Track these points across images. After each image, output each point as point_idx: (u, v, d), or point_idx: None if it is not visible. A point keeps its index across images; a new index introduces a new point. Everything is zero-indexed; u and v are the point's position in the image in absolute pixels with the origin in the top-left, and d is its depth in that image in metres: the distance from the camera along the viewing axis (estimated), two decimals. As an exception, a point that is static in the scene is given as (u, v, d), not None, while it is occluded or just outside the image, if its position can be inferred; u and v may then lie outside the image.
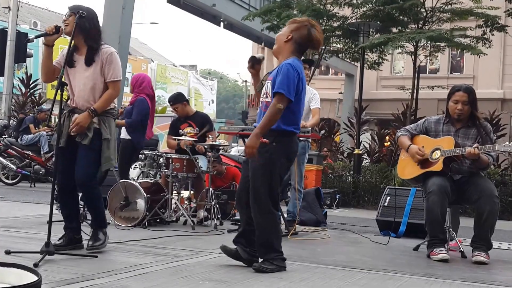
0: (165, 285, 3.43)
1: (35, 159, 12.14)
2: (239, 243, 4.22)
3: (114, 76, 4.47)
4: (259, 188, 4.04)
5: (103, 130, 4.43)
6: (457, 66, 27.18)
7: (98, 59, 4.45)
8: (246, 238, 4.20)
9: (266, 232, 4.08)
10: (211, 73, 61.01)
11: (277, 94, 3.96)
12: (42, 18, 35.92)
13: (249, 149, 3.95)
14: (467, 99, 5.04)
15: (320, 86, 23.92)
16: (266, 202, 4.05)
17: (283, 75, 3.98)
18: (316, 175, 10.84)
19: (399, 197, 6.60)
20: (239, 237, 4.24)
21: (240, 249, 4.19)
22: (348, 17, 15.25)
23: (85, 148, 4.38)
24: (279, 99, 3.95)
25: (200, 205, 6.82)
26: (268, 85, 4.13)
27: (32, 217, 6.44)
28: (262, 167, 4.01)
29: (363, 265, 4.48)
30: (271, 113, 3.94)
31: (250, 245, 4.18)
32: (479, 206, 4.89)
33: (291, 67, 4.00)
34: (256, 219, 4.10)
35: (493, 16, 13.80)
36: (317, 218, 7.37)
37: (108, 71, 4.45)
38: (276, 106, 3.94)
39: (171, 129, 7.39)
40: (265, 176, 4.02)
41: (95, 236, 4.49)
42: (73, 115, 4.43)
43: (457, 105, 5.05)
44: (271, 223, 4.10)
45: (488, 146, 4.86)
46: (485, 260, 4.82)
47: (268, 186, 4.04)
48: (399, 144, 5.40)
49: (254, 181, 4.06)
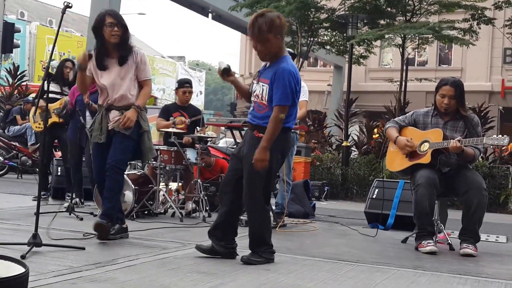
0: (153, 277, 3.41)
1: (22, 150, 12.05)
2: (214, 237, 4.18)
3: (148, 75, 4.92)
4: (255, 184, 4.04)
5: (142, 123, 4.82)
6: (445, 58, 27.30)
7: (131, 60, 4.78)
8: (222, 230, 4.18)
9: (259, 227, 4.11)
10: (200, 64, 60.74)
11: (279, 106, 3.96)
12: (29, 8, 35.62)
13: (260, 162, 3.94)
14: (454, 93, 5.03)
15: (308, 78, 23.93)
16: (260, 197, 4.07)
17: (284, 87, 3.94)
18: (304, 167, 10.86)
19: (388, 190, 6.61)
20: (215, 229, 4.20)
21: (215, 244, 4.17)
22: (336, 9, 15.24)
23: (122, 135, 4.70)
24: (281, 110, 3.96)
25: (188, 197, 6.81)
26: (264, 89, 4.06)
27: (19, 209, 6.39)
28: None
29: (351, 257, 4.48)
30: (275, 125, 3.96)
31: (225, 237, 4.17)
32: (467, 198, 4.90)
33: (290, 72, 3.97)
34: (250, 215, 4.12)
35: (480, 8, 13.85)
36: (305, 210, 7.38)
37: (143, 71, 4.85)
38: (278, 117, 3.95)
39: (162, 113, 7.29)
40: (262, 172, 4.01)
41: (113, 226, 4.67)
42: (109, 112, 4.77)
43: (444, 99, 5.05)
44: (264, 218, 4.13)
45: (472, 140, 4.86)
46: (472, 252, 4.84)
47: (264, 182, 4.05)
48: (387, 135, 5.40)
49: (250, 178, 4.05)
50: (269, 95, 4.02)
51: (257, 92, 4.13)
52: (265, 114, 4.05)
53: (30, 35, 31.10)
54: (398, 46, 14.75)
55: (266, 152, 3.95)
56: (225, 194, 4.25)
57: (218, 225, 4.21)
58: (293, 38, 15.59)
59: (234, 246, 4.21)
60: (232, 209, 4.17)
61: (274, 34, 4.00)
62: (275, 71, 4.01)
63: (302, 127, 6.46)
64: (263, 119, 4.07)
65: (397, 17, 14.96)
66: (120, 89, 4.75)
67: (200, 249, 4.20)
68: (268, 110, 4.03)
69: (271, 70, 4.05)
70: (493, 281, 3.86)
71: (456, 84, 5.07)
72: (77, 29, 34.84)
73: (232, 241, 4.20)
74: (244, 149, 4.14)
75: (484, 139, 4.87)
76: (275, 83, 3.97)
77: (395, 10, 14.66)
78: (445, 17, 15.44)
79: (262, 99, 4.08)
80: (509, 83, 25.01)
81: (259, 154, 3.95)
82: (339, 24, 15.34)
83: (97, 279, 3.29)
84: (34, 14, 35.62)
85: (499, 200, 10.74)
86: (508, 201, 10.69)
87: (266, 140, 3.96)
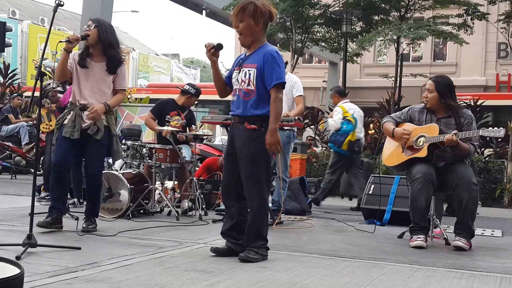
0: (149, 276, 3.40)
1: (15, 150, 11.99)
2: (230, 237, 4.16)
3: (124, 85, 5.23)
4: (259, 174, 4.06)
5: (111, 127, 5.15)
6: (440, 53, 27.33)
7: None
8: (237, 230, 4.16)
9: (259, 219, 4.09)
10: (194, 62, 60.58)
11: (277, 85, 4.01)
12: (20, 7, 35.47)
13: (275, 145, 4.00)
14: (433, 87, 5.12)
15: (303, 74, 23.90)
16: (266, 187, 4.11)
17: (275, 65, 4.02)
18: (300, 164, 10.83)
19: (384, 185, 6.62)
20: (231, 230, 4.18)
21: (231, 244, 4.15)
22: (330, 5, 15.22)
23: (96, 144, 5.01)
24: (279, 89, 4.04)
25: (184, 195, 6.79)
26: (251, 73, 4.07)
27: (14, 210, 6.37)
28: (258, 153, 4.02)
29: (348, 254, 4.48)
30: (277, 105, 4.04)
31: (242, 236, 4.14)
32: (458, 193, 4.92)
33: (277, 53, 4.08)
34: (253, 205, 4.07)
35: (474, 4, 13.86)
36: (302, 207, 7.37)
37: (121, 80, 5.16)
38: (278, 96, 4.03)
39: (157, 109, 7.16)
40: (262, 161, 4.05)
41: (90, 220, 5.09)
42: (83, 112, 4.99)
43: (425, 93, 5.19)
44: (265, 210, 4.18)
45: (468, 132, 4.90)
46: (463, 245, 4.84)
47: (266, 170, 4.11)
48: (384, 130, 5.41)
49: (251, 169, 4.05)
50: (259, 78, 4.05)
51: (242, 78, 4.12)
52: (253, 101, 4.06)
53: (22, 34, 30.98)
54: (393, 42, 14.76)
55: (277, 133, 4.02)
56: (229, 195, 4.23)
57: (232, 225, 4.17)
58: (287, 35, 15.57)
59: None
60: (241, 207, 4.16)
61: (257, 19, 4.06)
62: (263, 54, 4.06)
63: (298, 124, 6.43)
64: (252, 107, 4.06)
65: (392, 13, 14.96)
66: (98, 95, 5.03)
67: (217, 252, 4.14)
68: (254, 95, 4.05)
69: (257, 55, 4.09)
70: (488, 275, 3.87)
71: (436, 80, 5.18)
72: (70, 27, 34.69)
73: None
74: (237, 144, 4.13)
75: (480, 131, 4.91)
76: (266, 66, 4.03)
77: (389, 6, 14.66)
78: (439, 12, 15.43)
79: (249, 84, 4.08)
80: (503, 78, 25.06)
81: (271, 137, 3.99)
82: (333, 20, 15.33)
83: (93, 279, 3.27)
84: (25, 13, 35.48)
85: (495, 194, 10.77)
86: (504, 195, 10.70)
87: (273, 121, 4.02)
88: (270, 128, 4.01)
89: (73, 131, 4.94)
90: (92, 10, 11.19)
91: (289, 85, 6.55)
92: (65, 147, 4.99)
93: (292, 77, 6.62)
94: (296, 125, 6.46)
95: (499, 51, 25.37)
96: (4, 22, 13.14)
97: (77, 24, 27.10)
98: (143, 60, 40.24)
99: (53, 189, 5.01)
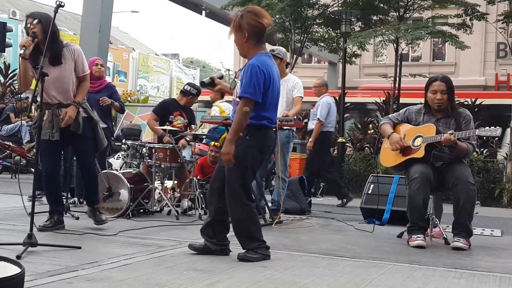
0: (149, 275, 3.41)
1: (15, 150, 12.00)
2: (206, 235, 4.20)
3: (86, 69, 5.04)
4: (233, 181, 4.05)
5: (91, 114, 5.06)
6: (439, 53, 27.35)
7: (66, 57, 4.86)
8: (213, 228, 4.19)
9: (243, 224, 4.10)
10: (194, 62, 60.54)
11: (243, 98, 3.97)
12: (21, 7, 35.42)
13: (225, 155, 3.96)
14: (445, 88, 5.07)
15: (303, 74, 23.90)
16: (240, 193, 4.06)
17: (246, 78, 3.98)
18: (300, 163, 10.85)
19: (383, 185, 6.63)
20: (206, 227, 4.22)
21: (207, 242, 4.19)
22: (329, 5, 15.22)
23: (84, 140, 5.00)
24: (245, 103, 3.96)
25: (184, 195, 6.80)
26: (238, 85, 4.13)
27: (14, 209, 6.37)
28: (235, 159, 3.99)
29: (347, 253, 4.49)
30: (239, 117, 3.96)
31: (217, 235, 4.18)
32: (455, 193, 4.93)
33: (254, 67, 3.98)
34: (232, 212, 4.10)
35: (472, 5, 13.86)
36: (301, 207, 7.37)
37: (82, 66, 4.97)
38: (242, 109, 3.95)
39: (159, 110, 7.25)
40: (239, 168, 4.02)
41: (98, 214, 5.19)
42: (60, 110, 4.88)
43: (435, 95, 5.08)
44: (247, 214, 4.10)
45: (465, 132, 4.90)
46: (463, 246, 4.85)
47: (242, 178, 4.06)
48: (382, 132, 5.43)
49: (228, 175, 4.07)
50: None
51: (236, 89, 4.19)
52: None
53: (22, 34, 30.97)
54: (392, 42, 14.76)
55: (230, 145, 3.95)
56: (211, 192, 4.27)
57: (209, 223, 4.22)
58: (286, 35, 15.57)
59: (226, 243, 4.22)
60: (220, 206, 4.17)
61: (241, 32, 4.04)
62: (245, 67, 4.07)
63: (297, 123, 6.45)
64: None
65: (390, 13, 14.95)
66: (62, 89, 4.89)
67: (193, 248, 4.21)
68: None
69: (246, 67, 4.10)
70: (488, 275, 3.88)
71: (446, 79, 5.13)
72: (70, 27, 34.68)
73: (224, 238, 4.21)
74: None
75: (477, 131, 4.91)
76: (243, 78, 4.02)
77: (388, 6, 14.65)
78: (438, 12, 15.43)
79: (236, 96, 4.14)
80: (502, 78, 25.08)
81: (224, 147, 3.98)
82: (332, 20, 15.32)
83: (93, 278, 3.28)
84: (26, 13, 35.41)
85: (494, 194, 10.78)
86: (503, 195, 10.72)
87: (230, 132, 4.00)
88: (226, 139, 4.01)
89: (52, 132, 4.85)
90: (92, 11, 11.21)
91: (290, 86, 6.58)
92: (51, 151, 4.95)
93: (293, 78, 6.65)
94: (296, 125, 6.48)
95: (498, 51, 25.40)
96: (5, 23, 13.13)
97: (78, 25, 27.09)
98: (143, 60, 40.22)
99: (49, 194, 5.06)
